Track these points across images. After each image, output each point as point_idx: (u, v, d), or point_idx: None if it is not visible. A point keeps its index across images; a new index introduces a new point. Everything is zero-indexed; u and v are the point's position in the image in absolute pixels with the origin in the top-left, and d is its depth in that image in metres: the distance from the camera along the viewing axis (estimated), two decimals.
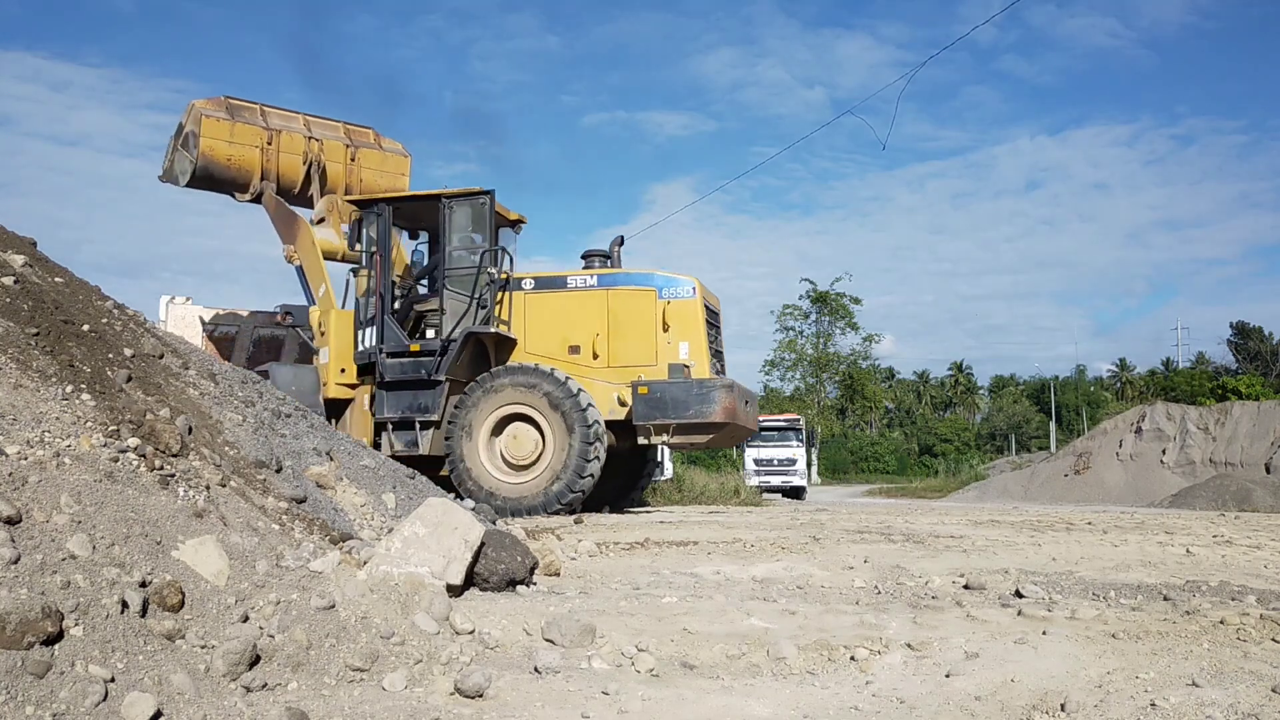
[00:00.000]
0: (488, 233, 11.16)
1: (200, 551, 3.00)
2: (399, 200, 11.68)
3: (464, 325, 10.80)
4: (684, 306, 10.97)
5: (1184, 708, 2.53)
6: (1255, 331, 45.37)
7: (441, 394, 10.69)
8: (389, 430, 10.81)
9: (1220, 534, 7.63)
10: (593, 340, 10.94)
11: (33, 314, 3.79)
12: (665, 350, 10.83)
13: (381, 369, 10.87)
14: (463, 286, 11.04)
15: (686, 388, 10.53)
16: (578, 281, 11.17)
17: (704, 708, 2.70)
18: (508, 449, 10.46)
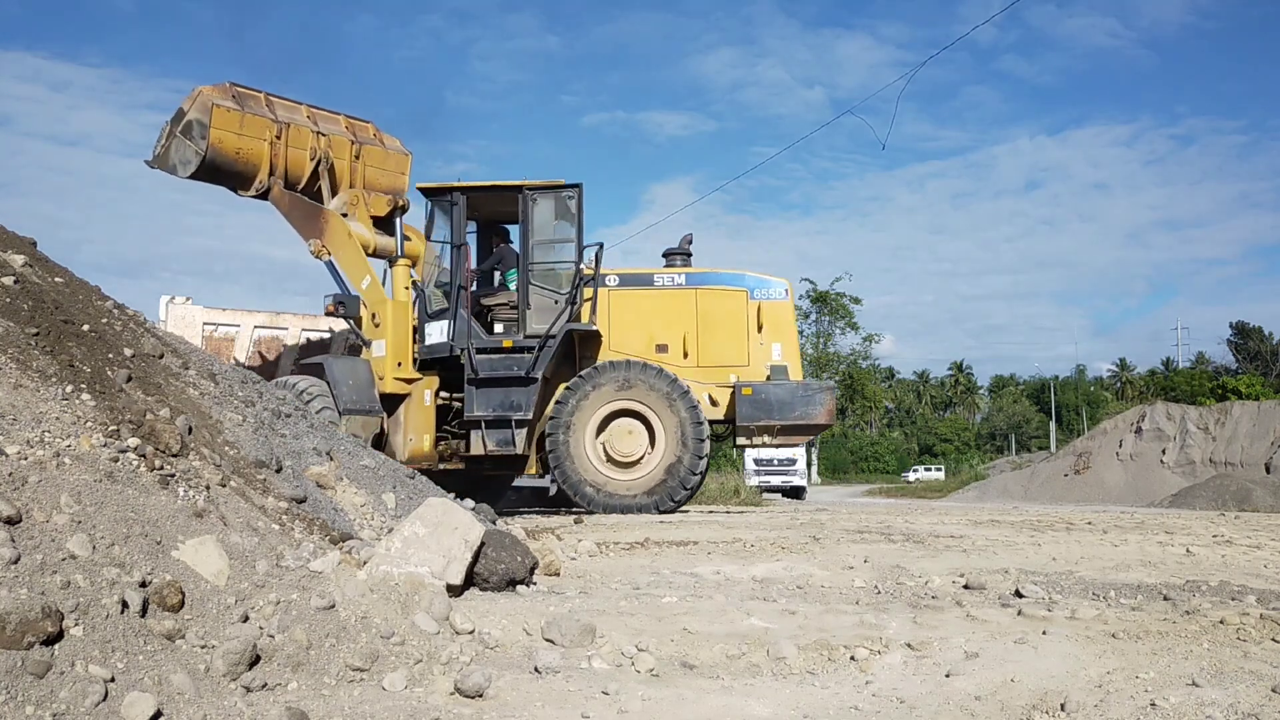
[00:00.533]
0: (576, 227, 10.80)
1: (200, 551, 3.00)
2: (475, 189, 11.06)
3: (559, 322, 10.52)
4: (777, 308, 11.12)
5: (1184, 707, 2.53)
6: (1255, 331, 45.39)
7: (535, 391, 10.48)
8: (482, 429, 10.51)
9: (1220, 534, 7.62)
10: (682, 339, 10.92)
11: (33, 314, 3.79)
12: (758, 351, 10.95)
13: (474, 366, 10.49)
14: (548, 282, 10.75)
15: (791, 389, 10.70)
16: (665, 280, 11.11)
17: (704, 707, 2.71)
18: (613, 446, 10.35)
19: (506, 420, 10.46)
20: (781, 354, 11.04)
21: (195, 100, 11.25)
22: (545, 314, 10.61)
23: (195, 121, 11.19)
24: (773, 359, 10.99)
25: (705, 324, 10.93)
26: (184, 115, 11.27)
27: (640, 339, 10.87)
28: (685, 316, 10.93)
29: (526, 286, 10.67)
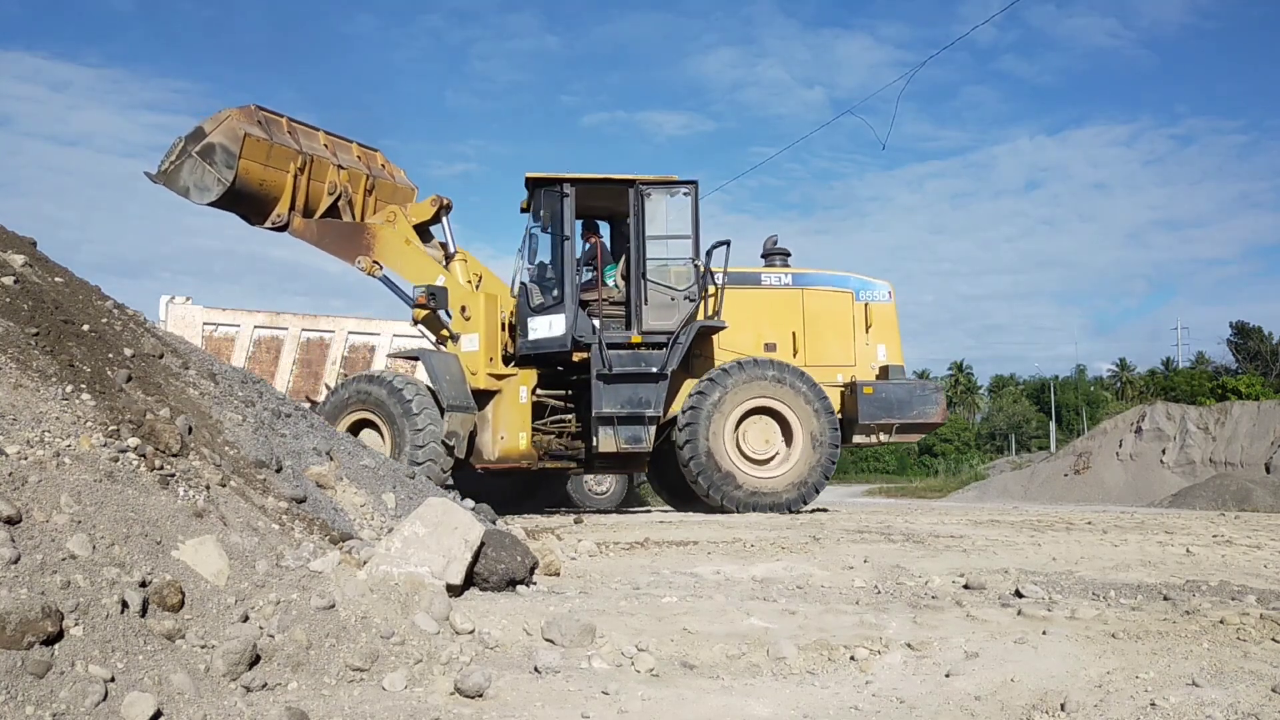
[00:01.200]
0: (692, 224, 10.68)
1: (200, 551, 3.00)
2: (585, 181, 10.80)
3: (685, 319, 10.47)
4: (883, 309, 11.38)
5: (1184, 707, 2.53)
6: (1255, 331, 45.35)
7: (664, 388, 10.40)
8: (614, 425, 10.34)
9: (1220, 534, 7.63)
10: (790, 338, 11.02)
11: (33, 314, 3.79)
12: (864, 351, 11.18)
13: (605, 361, 10.30)
14: (662, 278, 10.62)
15: (909, 389, 11.03)
16: (771, 279, 11.21)
17: (704, 707, 2.71)
18: (748, 443, 10.38)
19: (639, 417, 10.33)
20: (886, 354, 11.30)
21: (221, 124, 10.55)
22: (661, 311, 10.52)
23: (220, 146, 10.49)
24: (878, 359, 11.24)
25: (812, 323, 11.09)
26: (204, 136, 10.53)
27: (749, 337, 10.92)
28: (792, 316, 11.08)
29: (641, 283, 10.51)
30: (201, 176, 10.51)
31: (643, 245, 10.56)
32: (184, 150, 10.61)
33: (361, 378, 10.56)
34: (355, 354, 13.83)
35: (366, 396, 10.23)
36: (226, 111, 10.61)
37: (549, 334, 10.55)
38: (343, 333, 13.78)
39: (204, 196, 10.58)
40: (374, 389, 10.24)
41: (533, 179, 10.88)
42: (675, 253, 10.71)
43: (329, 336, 13.73)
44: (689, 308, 10.50)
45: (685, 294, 10.52)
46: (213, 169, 10.46)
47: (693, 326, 10.40)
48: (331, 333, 13.76)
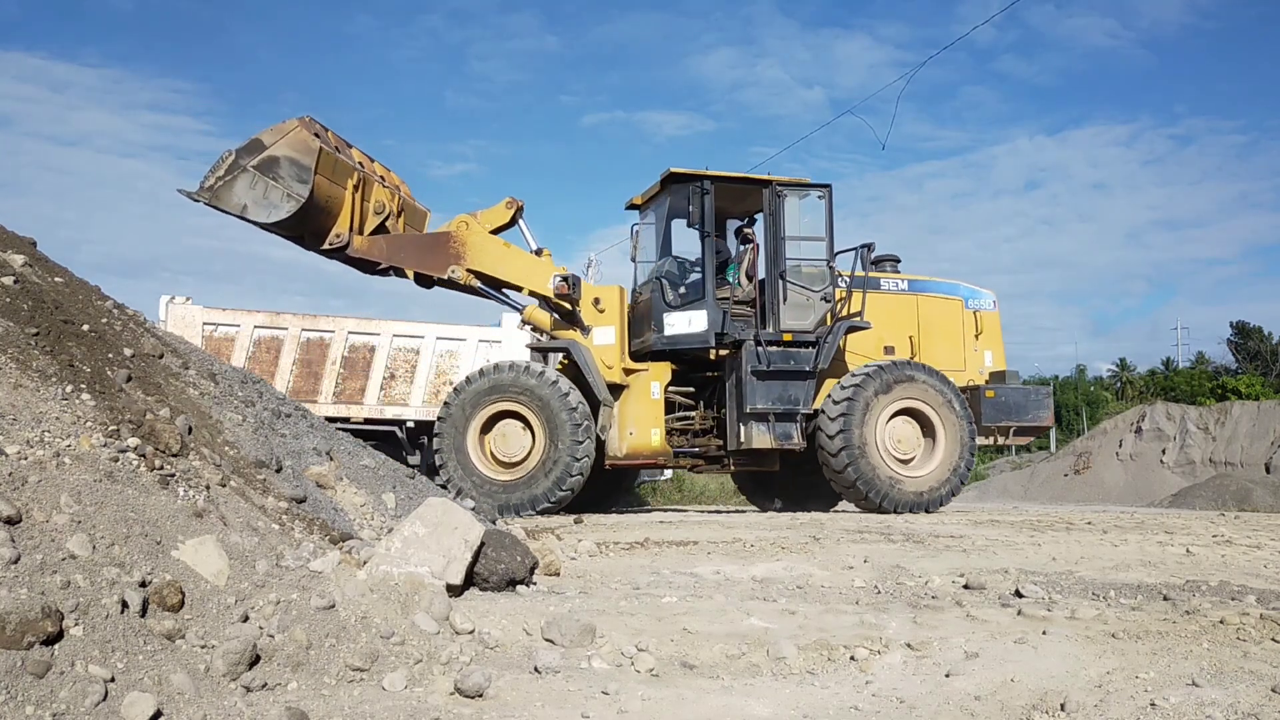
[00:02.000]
0: (826, 226, 10.88)
1: (200, 551, 3.00)
2: (724, 179, 10.86)
3: (826, 318, 10.69)
4: (989, 317, 11.93)
5: (1184, 708, 2.53)
6: (1255, 331, 45.30)
7: (814, 386, 10.57)
8: (769, 422, 10.45)
9: (1220, 534, 7.62)
10: (907, 342, 11.30)
11: (32, 314, 3.79)
12: (972, 357, 11.60)
13: (759, 359, 10.43)
14: (797, 278, 10.76)
15: (1025, 393, 11.52)
16: (889, 285, 11.47)
17: (704, 707, 2.71)
18: (892, 443, 10.53)
19: (791, 414, 10.48)
20: (993, 360, 11.73)
21: (286, 135, 9.67)
22: (798, 311, 10.67)
23: (286, 160, 9.61)
24: (985, 365, 11.66)
25: (926, 329, 11.42)
26: (264, 148, 9.62)
27: (870, 340, 11.12)
28: (908, 321, 11.39)
29: (779, 282, 10.65)
30: (265, 192, 9.62)
31: (780, 245, 10.72)
32: (235, 164, 9.69)
33: (511, 367, 10.28)
34: (355, 354, 13.82)
35: (519, 387, 10.04)
36: (290, 122, 9.81)
37: (688, 330, 10.58)
38: (343, 333, 13.77)
39: (270, 214, 9.66)
40: (528, 380, 10.06)
41: (674, 174, 10.89)
42: (809, 253, 10.90)
43: (329, 336, 13.72)
44: (824, 308, 10.74)
45: (821, 294, 10.74)
46: (279, 184, 9.61)
47: (840, 325, 10.61)
48: (331, 333, 13.75)
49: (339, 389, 13.59)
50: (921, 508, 10.38)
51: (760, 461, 11.14)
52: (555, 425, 9.91)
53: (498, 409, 10.10)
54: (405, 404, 13.82)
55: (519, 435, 10.12)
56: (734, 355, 10.70)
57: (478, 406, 10.03)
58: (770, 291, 10.72)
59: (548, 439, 9.91)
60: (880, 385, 10.40)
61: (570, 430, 9.87)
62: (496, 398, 10.07)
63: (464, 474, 9.94)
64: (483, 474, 9.99)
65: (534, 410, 10.01)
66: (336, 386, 13.57)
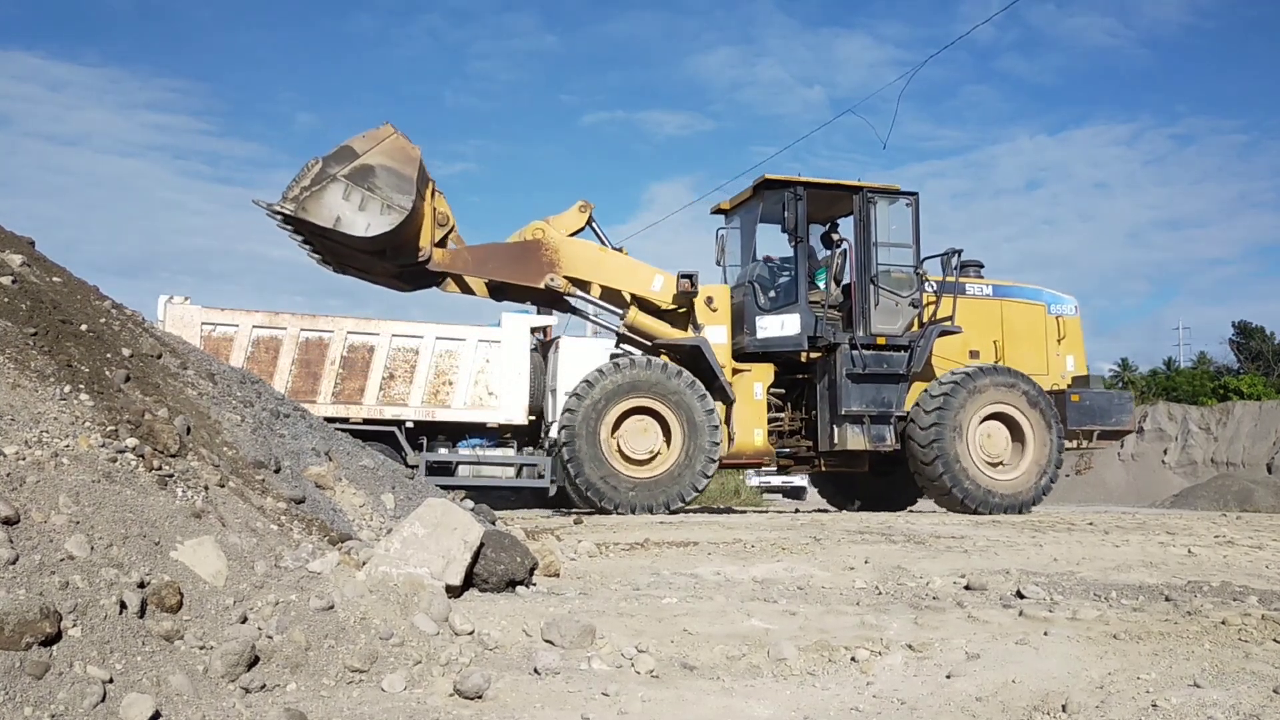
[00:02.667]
0: (913, 232, 11.06)
1: (199, 552, 3.00)
2: (815, 185, 10.99)
3: (916, 323, 10.84)
4: (1071, 323, 12.01)
5: (1185, 708, 2.52)
6: (1257, 331, 45.22)
7: (906, 389, 10.76)
8: (864, 424, 10.64)
9: (1222, 534, 7.61)
10: (992, 346, 11.46)
11: (31, 314, 3.78)
12: (1055, 362, 11.76)
13: (854, 362, 10.62)
14: (886, 283, 10.91)
15: (1109, 397, 11.80)
16: (974, 290, 11.60)
17: (704, 709, 2.70)
18: (984, 446, 10.68)
19: (885, 416, 10.68)
20: (1075, 365, 11.89)
21: (382, 143, 9.11)
22: (887, 315, 10.84)
23: (383, 169, 9.01)
24: (1068, 369, 11.82)
25: (1010, 333, 11.58)
26: (356, 156, 9.00)
27: (956, 344, 11.25)
28: (993, 325, 11.55)
29: (870, 287, 10.82)
30: (363, 202, 8.99)
31: (870, 250, 10.89)
32: (323, 173, 9.02)
33: (649, 364, 10.22)
34: (354, 354, 13.79)
35: (658, 386, 10.04)
36: (385, 128, 9.20)
37: (781, 333, 10.72)
38: (341, 333, 13.75)
39: (368, 226, 9.03)
40: (668, 378, 10.09)
41: (767, 180, 11.07)
42: (898, 259, 11.08)
43: (328, 336, 13.70)
44: (911, 313, 10.92)
45: (909, 299, 10.93)
46: (376, 194, 9.03)
47: (932, 329, 10.81)
48: (330, 333, 13.73)
49: (338, 389, 13.57)
50: (1010, 510, 10.47)
51: (851, 463, 11.39)
52: (694, 424, 10.03)
53: (631, 405, 10.12)
54: (404, 404, 13.80)
55: (649, 433, 10.18)
56: (826, 358, 10.91)
57: (612, 402, 10.02)
58: (860, 296, 10.89)
59: (686, 437, 10.01)
60: (972, 389, 10.59)
61: (709, 431, 10.04)
62: (632, 395, 10.10)
63: (599, 470, 9.91)
64: (618, 471, 9.99)
65: (671, 408, 10.08)
66: (335, 386, 13.55)
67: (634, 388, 10.05)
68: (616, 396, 10.01)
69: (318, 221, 9.02)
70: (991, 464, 10.68)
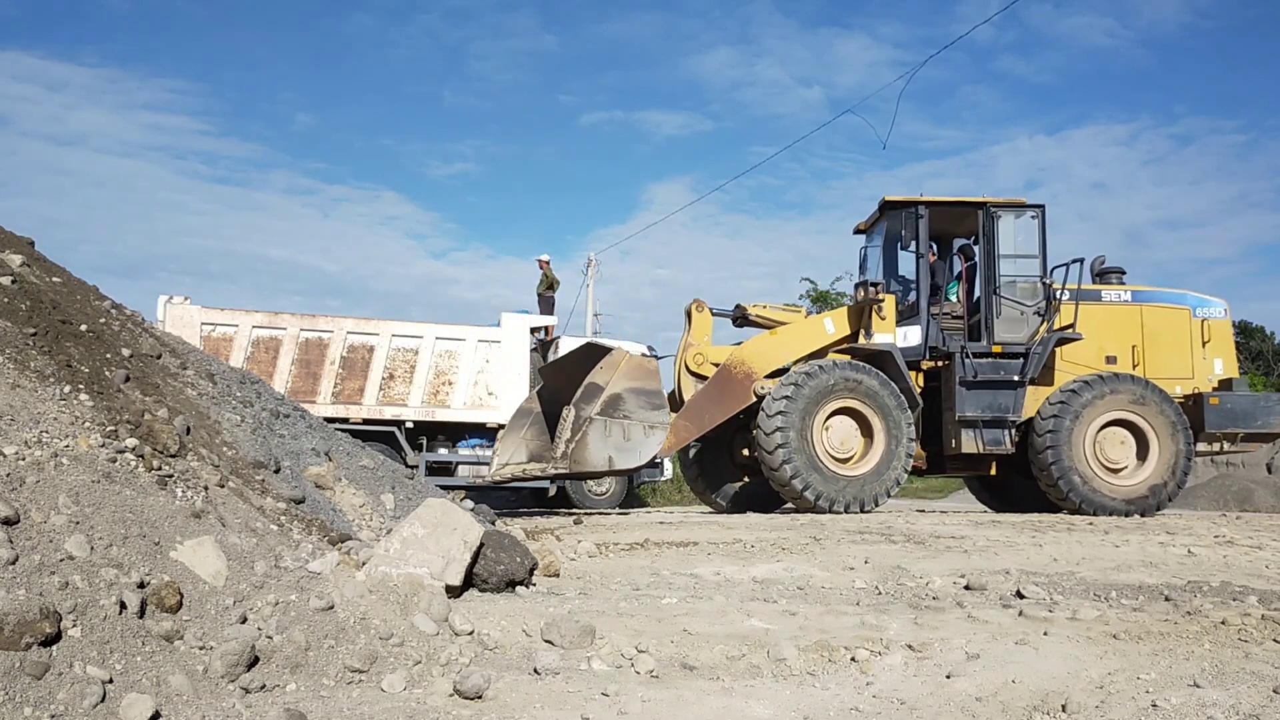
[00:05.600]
0: (1040, 243, 11.38)
1: (198, 552, 2.99)
2: (939, 204, 11.52)
3: (1040, 332, 11.07)
4: (1219, 325, 12.05)
5: (1185, 708, 2.52)
6: (1257, 331, 45.22)
7: (1024, 395, 11.04)
8: (978, 428, 11.01)
9: (1222, 534, 7.61)
10: (1130, 351, 11.61)
11: (30, 314, 3.78)
12: (1201, 365, 11.77)
13: (967, 369, 11.00)
14: (1011, 293, 11.25)
15: (1254, 400, 11.83)
16: (1111, 296, 11.80)
17: (704, 709, 2.70)
18: (1104, 452, 10.87)
19: (1001, 420, 11.02)
20: (1223, 369, 11.95)
21: (620, 367, 9.46)
22: (1011, 324, 11.17)
23: (631, 393, 9.34)
24: (1215, 372, 11.87)
25: (1151, 338, 11.69)
26: (602, 390, 9.22)
27: (1091, 350, 11.44)
28: (1132, 331, 11.67)
29: (994, 298, 11.18)
30: (625, 433, 9.38)
31: (995, 263, 11.25)
32: (579, 419, 9.24)
33: (854, 367, 10.74)
34: (354, 354, 13.78)
35: (864, 388, 10.57)
36: (616, 353, 9.57)
37: (904, 343, 11.21)
38: (341, 333, 13.73)
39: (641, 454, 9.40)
40: (872, 381, 10.59)
41: (889, 202, 11.59)
42: (1023, 270, 11.38)
43: (328, 336, 13.67)
44: (1036, 322, 11.20)
45: (1034, 309, 11.21)
46: (636, 420, 9.41)
47: (1051, 337, 11.02)
48: (330, 333, 13.70)
49: (338, 389, 13.54)
50: (1128, 513, 10.63)
51: (973, 465, 11.68)
52: (895, 425, 10.55)
53: (844, 405, 10.59)
54: (404, 404, 13.78)
55: (852, 432, 10.66)
56: (947, 367, 11.29)
57: (822, 401, 10.46)
58: (985, 306, 11.26)
59: (888, 437, 10.54)
60: (1091, 396, 10.80)
61: (906, 429, 10.59)
62: (837, 395, 10.55)
63: (811, 466, 10.33)
64: (828, 467, 10.44)
65: (875, 410, 10.58)
66: (335, 387, 13.52)
67: (840, 389, 10.53)
68: (826, 396, 10.46)
69: (594, 469, 9.13)
70: (1112, 469, 10.86)
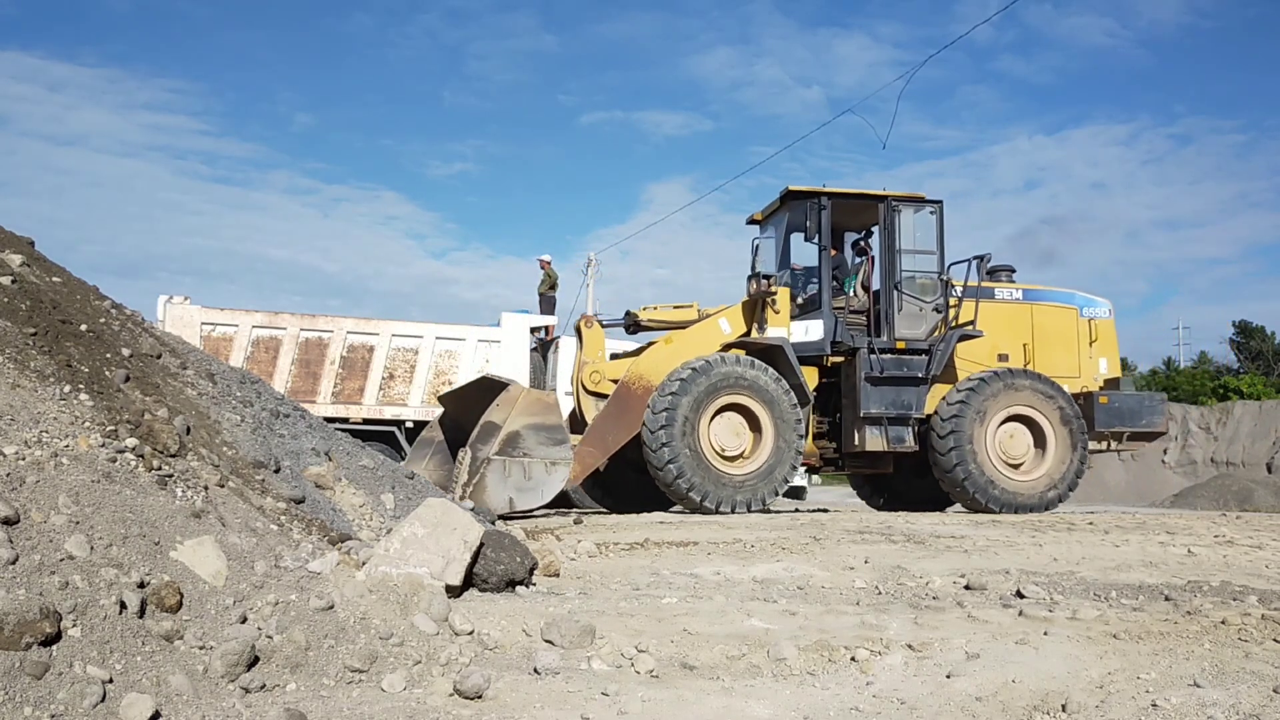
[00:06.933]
0: (937, 240, 11.28)
1: (198, 552, 2.99)
2: (841, 195, 11.30)
3: (938, 328, 11.02)
4: (1104, 325, 12.07)
5: (1185, 708, 2.52)
6: (1258, 331, 45.21)
7: (926, 392, 10.92)
8: (883, 425, 10.84)
9: (1222, 534, 7.61)
10: (1021, 349, 11.59)
11: (30, 313, 3.78)
12: (1087, 364, 11.84)
13: (873, 365, 10.82)
14: (910, 289, 11.12)
15: (1140, 399, 11.86)
16: (1003, 294, 11.78)
17: (704, 709, 2.70)
18: (1003, 447, 10.81)
19: (905, 418, 10.87)
20: (1108, 368, 11.99)
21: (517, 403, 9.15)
22: (911, 320, 11.04)
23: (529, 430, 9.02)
24: (1100, 372, 11.90)
25: (1041, 336, 11.69)
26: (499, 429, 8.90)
27: (984, 348, 11.38)
28: (1023, 329, 11.65)
29: (894, 293, 11.04)
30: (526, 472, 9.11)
31: (895, 257, 11.10)
32: (475, 460, 9.05)
33: (739, 361, 10.39)
34: (354, 354, 13.79)
35: (753, 384, 10.22)
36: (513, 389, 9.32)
37: (805, 338, 10.97)
38: (341, 332, 13.74)
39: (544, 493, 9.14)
40: (763, 376, 10.28)
41: (792, 191, 11.33)
42: (922, 266, 11.27)
43: (327, 336, 13.69)
44: (935, 318, 11.10)
45: (933, 305, 11.12)
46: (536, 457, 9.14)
47: (953, 334, 10.93)
48: (330, 332, 13.72)
49: (337, 389, 13.55)
50: (1028, 510, 10.62)
51: (874, 464, 11.53)
52: (785, 422, 10.25)
53: (726, 402, 10.24)
54: (404, 404, 13.78)
55: (740, 429, 10.32)
56: (849, 362, 11.10)
57: (709, 398, 10.10)
58: (885, 302, 11.11)
59: (777, 434, 10.26)
60: (991, 392, 10.70)
61: (795, 426, 10.28)
62: (727, 391, 10.21)
63: (697, 465, 9.95)
64: (715, 466, 10.10)
65: (764, 406, 10.23)
66: (335, 386, 13.53)
67: (729, 384, 10.21)
68: (712, 394, 10.14)
69: (496, 510, 8.73)
70: (1012, 465, 10.80)
